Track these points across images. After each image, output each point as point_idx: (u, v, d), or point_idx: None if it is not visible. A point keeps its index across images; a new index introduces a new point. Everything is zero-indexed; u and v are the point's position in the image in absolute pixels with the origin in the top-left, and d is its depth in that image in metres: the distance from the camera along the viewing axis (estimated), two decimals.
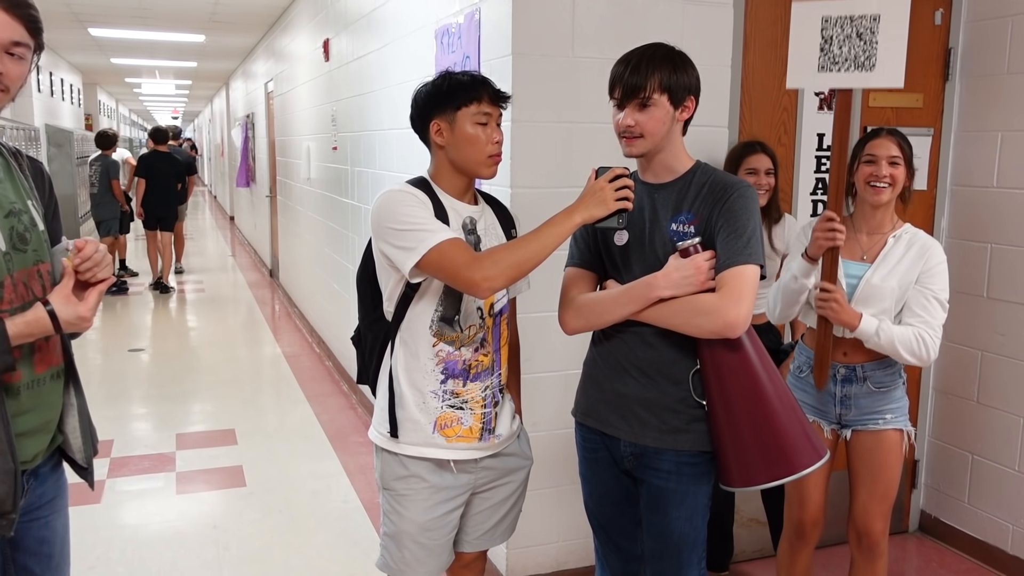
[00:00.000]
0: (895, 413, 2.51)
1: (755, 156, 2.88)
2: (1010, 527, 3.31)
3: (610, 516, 2.15)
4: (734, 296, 1.82)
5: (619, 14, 2.88)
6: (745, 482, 1.92)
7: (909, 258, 2.45)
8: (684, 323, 1.88)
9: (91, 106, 17.51)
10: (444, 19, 3.48)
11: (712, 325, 1.83)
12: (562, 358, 2.89)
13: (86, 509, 3.85)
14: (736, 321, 1.81)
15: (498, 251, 1.88)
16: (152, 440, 4.79)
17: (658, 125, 1.91)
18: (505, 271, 1.83)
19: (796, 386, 2.62)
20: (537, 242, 1.85)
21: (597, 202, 1.86)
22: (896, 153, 2.43)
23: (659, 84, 1.89)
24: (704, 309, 1.84)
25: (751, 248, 1.85)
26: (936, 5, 3.32)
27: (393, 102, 4.30)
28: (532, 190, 2.85)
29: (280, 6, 8.10)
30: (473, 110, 1.94)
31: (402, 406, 2.01)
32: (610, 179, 1.87)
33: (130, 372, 6.32)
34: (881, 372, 2.50)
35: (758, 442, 1.88)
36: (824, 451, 1.94)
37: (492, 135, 1.96)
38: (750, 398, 1.88)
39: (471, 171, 1.99)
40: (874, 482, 2.53)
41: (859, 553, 2.60)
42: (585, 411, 2.13)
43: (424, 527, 2.04)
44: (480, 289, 1.84)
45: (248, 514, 3.83)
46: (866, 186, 2.45)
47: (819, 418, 2.57)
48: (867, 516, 2.55)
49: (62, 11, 8.69)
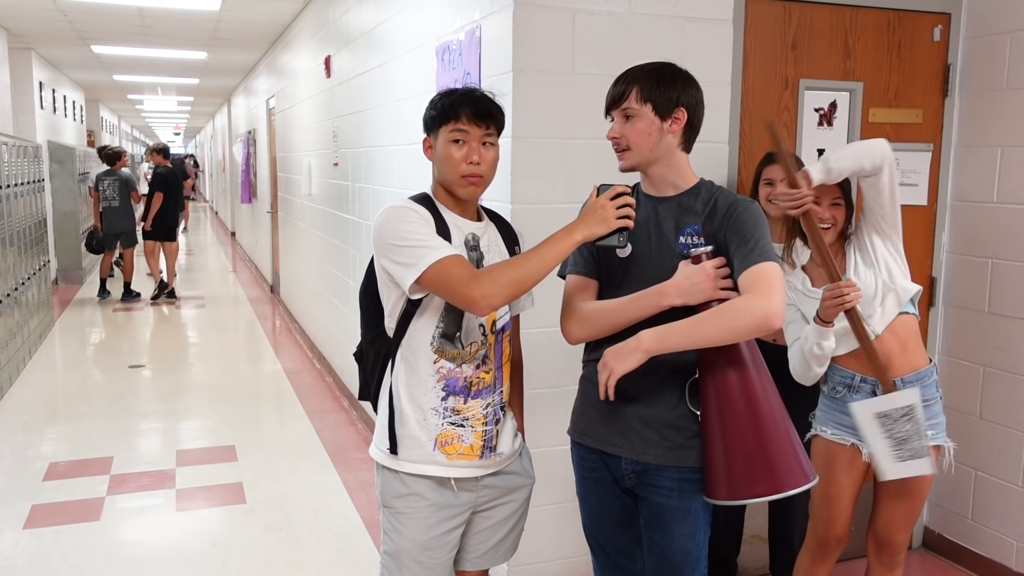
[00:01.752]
0: (935, 429, 2.48)
1: (772, 167, 2.85)
2: (1014, 543, 3.29)
3: (610, 536, 2.14)
4: (764, 290, 1.80)
5: (619, 31, 2.89)
6: (728, 495, 1.89)
7: (853, 252, 2.51)
8: (718, 330, 1.82)
9: (93, 122, 17.56)
10: (445, 36, 3.50)
11: (751, 320, 1.78)
12: (563, 374, 2.88)
13: (85, 527, 3.84)
14: (774, 311, 1.78)
15: (497, 269, 1.87)
16: (152, 457, 4.78)
17: (642, 136, 1.92)
18: (504, 289, 1.82)
19: (833, 408, 2.56)
20: (537, 259, 1.84)
21: (598, 220, 1.85)
22: (837, 194, 2.48)
23: (640, 94, 1.91)
24: (736, 309, 1.81)
25: (761, 249, 1.85)
26: (935, 22, 3.34)
27: (394, 118, 4.31)
28: (533, 206, 2.86)
29: (282, 23, 8.15)
30: (450, 127, 1.93)
31: (402, 423, 2.00)
32: (611, 197, 1.86)
33: (130, 388, 6.30)
34: (920, 385, 2.44)
35: (746, 455, 1.86)
36: (813, 475, 1.90)
37: (468, 155, 1.93)
38: (743, 410, 1.86)
39: (449, 189, 1.98)
40: (906, 498, 2.50)
41: (878, 563, 2.60)
42: (583, 431, 2.11)
43: (424, 546, 2.02)
44: (478, 307, 1.83)
45: (248, 531, 3.81)
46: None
47: (857, 439, 2.49)
48: (892, 528, 2.54)
49: (65, 28, 8.74)
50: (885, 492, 2.53)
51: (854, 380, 2.50)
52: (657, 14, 2.93)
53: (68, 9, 7.65)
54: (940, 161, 3.44)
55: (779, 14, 3.13)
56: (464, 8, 3.27)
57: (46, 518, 3.94)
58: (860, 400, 2.46)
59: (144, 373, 6.79)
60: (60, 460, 4.71)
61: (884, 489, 2.53)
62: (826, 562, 2.65)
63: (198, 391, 6.26)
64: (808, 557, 2.69)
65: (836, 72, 3.24)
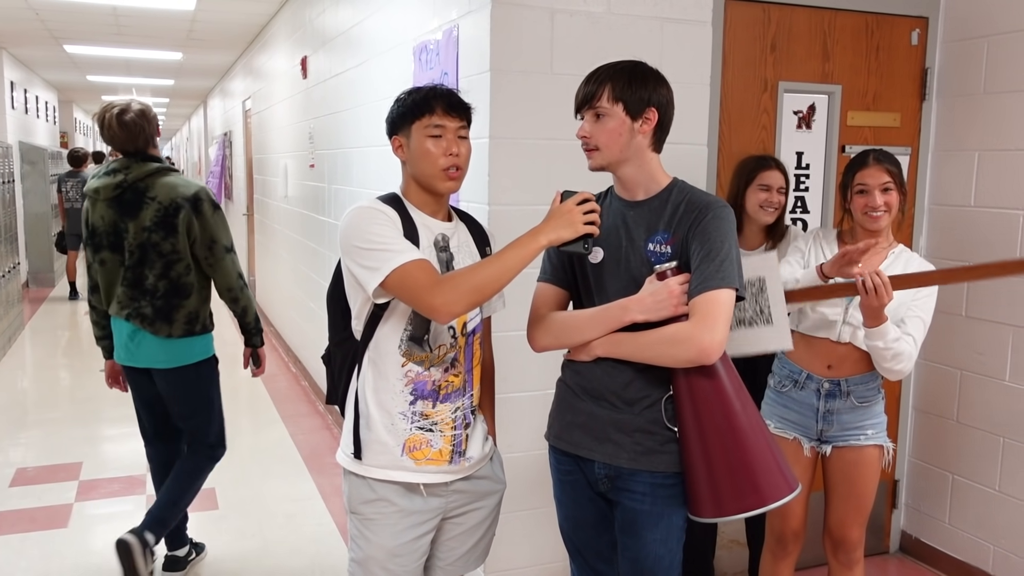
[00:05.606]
0: (876, 428, 2.54)
1: (769, 172, 2.83)
2: (991, 547, 3.29)
3: (586, 539, 2.11)
4: (708, 323, 1.78)
5: (598, 31, 2.87)
6: (715, 512, 1.88)
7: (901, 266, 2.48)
8: (658, 355, 1.85)
9: (67, 124, 17.36)
10: (422, 36, 3.46)
11: (686, 354, 1.80)
12: (539, 378, 2.85)
13: (53, 534, 3.76)
14: (710, 348, 1.78)
15: (459, 275, 1.83)
16: (122, 462, 4.69)
17: (612, 136, 1.89)
18: (464, 296, 1.78)
19: (777, 402, 2.62)
20: (499, 264, 1.80)
21: (565, 224, 1.83)
22: (887, 179, 2.44)
23: (611, 93, 1.88)
24: (676, 338, 1.81)
25: (724, 271, 1.81)
26: (913, 25, 3.34)
27: (371, 119, 4.26)
28: (510, 207, 2.82)
29: (258, 24, 8.08)
30: (424, 123, 1.90)
31: (369, 427, 1.95)
32: (578, 203, 1.84)
33: (100, 393, 6.16)
34: (863, 387, 2.52)
35: (729, 472, 1.84)
36: (796, 484, 1.90)
37: (448, 147, 1.90)
38: (723, 427, 1.84)
39: (428, 186, 1.94)
40: (852, 495, 2.56)
41: (836, 562, 2.65)
42: (558, 435, 2.08)
43: (393, 552, 1.97)
44: (439, 314, 1.80)
45: (220, 538, 3.75)
46: (863, 216, 2.47)
47: (800, 434, 2.57)
48: (844, 525, 2.59)
49: (37, 28, 8.61)
50: (834, 493, 2.60)
51: (801, 376, 2.56)
52: (636, 15, 2.91)
53: (40, 7, 7.54)
54: (918, 165, 3.45)
55: (758, 16, 3.13)
56: (441, 8, 3.24)
57: (12, 525, 3.85)
58: (804, 395, 2.54)
59: None
60: (28, 466, 4.61)
61: (833, 490, 2.60)
62: (787, 559, 2.69)
63: None
64: (769, 556, 2.74)
65: (815, 75, 3.24)
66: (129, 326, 3.11)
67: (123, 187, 3.05)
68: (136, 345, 3.12)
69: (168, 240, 3.05)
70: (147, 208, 3.04)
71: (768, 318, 2.33)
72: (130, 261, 3.07)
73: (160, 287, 3.07)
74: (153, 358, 3.12)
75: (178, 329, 3.11)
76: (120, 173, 3.06)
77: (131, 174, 3.06)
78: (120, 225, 3.06)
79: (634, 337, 1.88)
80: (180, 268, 3.09)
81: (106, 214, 3.07)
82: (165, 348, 3.11)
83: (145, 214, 3.04)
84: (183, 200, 3.06)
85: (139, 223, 3.04)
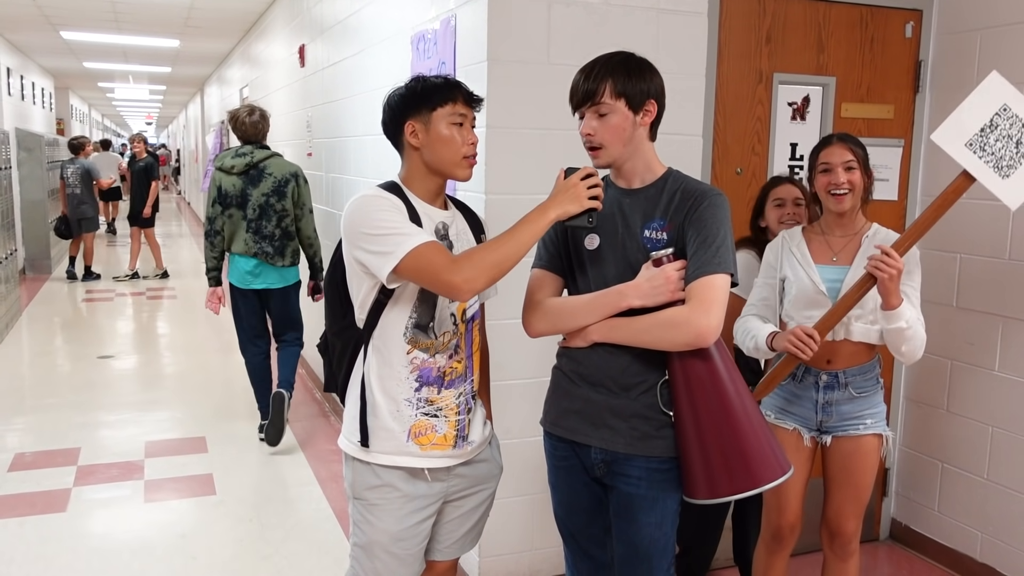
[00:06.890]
0: (875, 418, 2.54)
1: (780, 187, 2.84)
2: (979, 535, 3.33)
3: (580, 524, 2.14)
4: (704, 306, 1.82)
5: (595, 22, 2.89)
6: (709, 494, 1.91)
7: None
8: (655, 339, 1.88)
9: (63, 110, 17.31)
10: (420, 25, 3.48)
11: (683, 337, 1.84)
12: (535, 365, 2.88)
13: (50, 518, 3.79)
14: (707, 331, 1.82)
15: (476, 252, 1.87)
16: (120, 448, 4.72)
17: (617, 133, 1.92)
18: (485, 272, 1.82)
19: (777, 393, 2.61)
20: (514, 241, 1.84)
21: (571, 198, 1.86)
22: (849, 157, 2.45)
23: (613, 89, 1.90)
24: (674, 322, 1.85)
25: (720, 257, 1.85)
26: (907, 18, 3.36)
27: (368, 108, 4.28)
28: (507, 196, 2.85)
29: (256, 11, 8.07)
30: (448, 111, 1.93)
31: (375, 414, 1.98)
32: (581, 177, 1.88)
33: (99, 379, 6.22)
34: (861, 378, 2.52)
35: (723, 453, 1.88)
36: (788, 466, 1.94)
37: (467, 136, 1.95)
38: (717, 409, 1.88)
39: (446, 172, 1.97)
40: (850, 484, 2.56)
41: (832, 553, 2.64)
42: (554, 421, 2.11)
43: (397, 537, 2.01)
44: (461, 292, 1.82)
45: (218, 523, 3.78)
46: (827, 195, 2.47)
47: (800, 425, 2.57)
48: (841, 516, 2.58)
49: (33, 14, 8.59)
50: (833, 482, 2.59)
51: (799, 369, 2.54)
52: (633, 6, 2.93)
53: None
54: (911, 157, 3.47)
55: (753, 8, 3.14)
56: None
57: (11, 509, 3.88)
58: (802, 388, 2.53)
59: (113, 364, 6.70)
60: (26, 451, 4.64)
61: (832, 479, 2.59)
62: (782, 552, 2.69)
63: (168, 382, 6.20)
64: (764, 549, 2.73)
65: (809, 67, 3.26)
66: (254, 260, 4.51)
67: (249, 165, 4.47)
68: (258, 274, 4.54)
69: (280, 202, 4.49)
70: (266, 180, 4.48)
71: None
72: (252, 216, 4.47)
73: (276, 233, 4.51)
74: (272, 281, 4.58)
75: (287, 260, 4.57)
76: (247, 156, 4.51)
77: (255, 156, 4.50)
78: (247, 191, 4.47)
79: (630, 322, 1.91)
80: (288, 221, 4.54)
81: (236, 183, 4.47)
82: (280, 273, 4.58)
83: (265, 184, 4.47)
84: (290, 175, 4.54)
85: (260, 190, 4.47)
